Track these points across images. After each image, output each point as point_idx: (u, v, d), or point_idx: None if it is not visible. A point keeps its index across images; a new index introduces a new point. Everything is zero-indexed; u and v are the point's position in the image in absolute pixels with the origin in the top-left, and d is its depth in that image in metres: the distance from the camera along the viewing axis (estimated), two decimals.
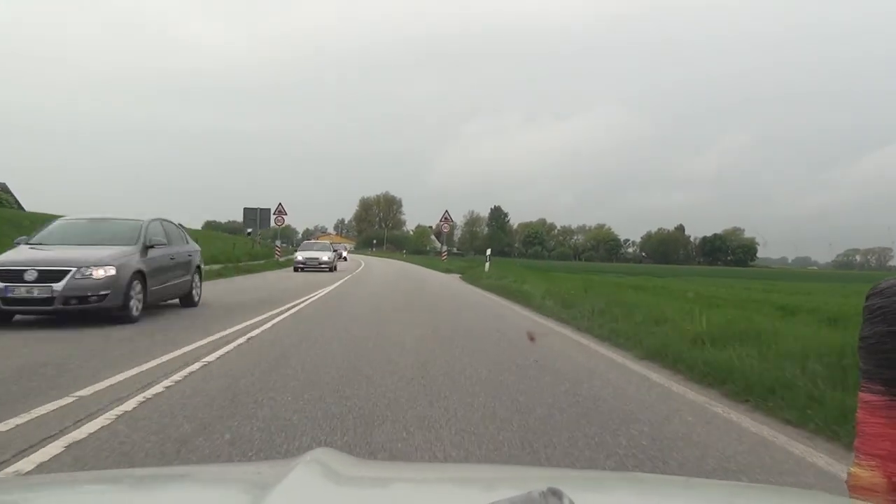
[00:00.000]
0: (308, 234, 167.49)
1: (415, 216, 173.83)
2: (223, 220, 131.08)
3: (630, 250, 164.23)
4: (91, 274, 8.90)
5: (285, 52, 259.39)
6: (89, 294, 8.85)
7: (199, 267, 12.42)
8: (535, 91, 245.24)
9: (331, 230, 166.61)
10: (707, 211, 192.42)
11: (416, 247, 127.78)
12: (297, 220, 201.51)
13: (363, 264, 42.53)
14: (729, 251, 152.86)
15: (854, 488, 1.50)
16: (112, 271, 9.06)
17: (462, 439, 4.06)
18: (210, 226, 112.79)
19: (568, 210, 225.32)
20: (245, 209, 40.05)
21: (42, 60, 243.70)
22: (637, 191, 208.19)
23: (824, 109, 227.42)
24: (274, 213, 34.14)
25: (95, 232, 10.42)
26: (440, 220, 38.84)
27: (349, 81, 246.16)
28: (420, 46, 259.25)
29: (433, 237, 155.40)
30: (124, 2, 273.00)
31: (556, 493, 0.81)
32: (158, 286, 10.40)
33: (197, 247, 12.83)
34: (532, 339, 8.64)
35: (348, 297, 15.43)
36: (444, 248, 44.68)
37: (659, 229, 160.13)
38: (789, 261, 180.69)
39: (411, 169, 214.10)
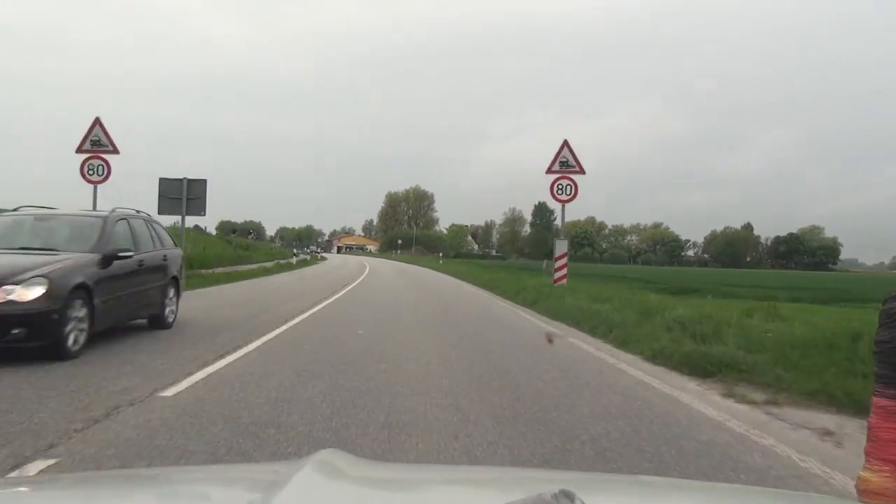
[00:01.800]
0: (334, 236, 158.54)
1: (446, 217, 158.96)
2: (239, 219, 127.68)
3: (691, 252, 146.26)
4: None
5: (314, 54, 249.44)
6: None
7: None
8: (572, 88, 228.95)
9: (359, 231, 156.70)
10: (745, 211, 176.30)
11: (451, 248, 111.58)
12: (326, 222, 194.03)
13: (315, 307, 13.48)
14: (805, 252, 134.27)
15: (864, 492, 1.49)
16: None
17: None
18: (224, 226, 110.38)
19: (608, 209, 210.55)
20: (161, 180, 24.05)
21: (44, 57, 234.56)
22: (676, 190, 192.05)
23: (866, 108, 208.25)
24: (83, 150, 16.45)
25: None
26: (553, 165, 16.26)
27: (379, 82, 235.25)
28: (450, 43, 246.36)
29: (469, 237, 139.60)
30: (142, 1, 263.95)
31: (567, 495, 0.80)
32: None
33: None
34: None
35: None
36: (564, 241, 17.06)
37: (725, 228, 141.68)
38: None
39: (443, 168, 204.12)
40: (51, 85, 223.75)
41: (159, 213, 25.00)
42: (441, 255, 63.36)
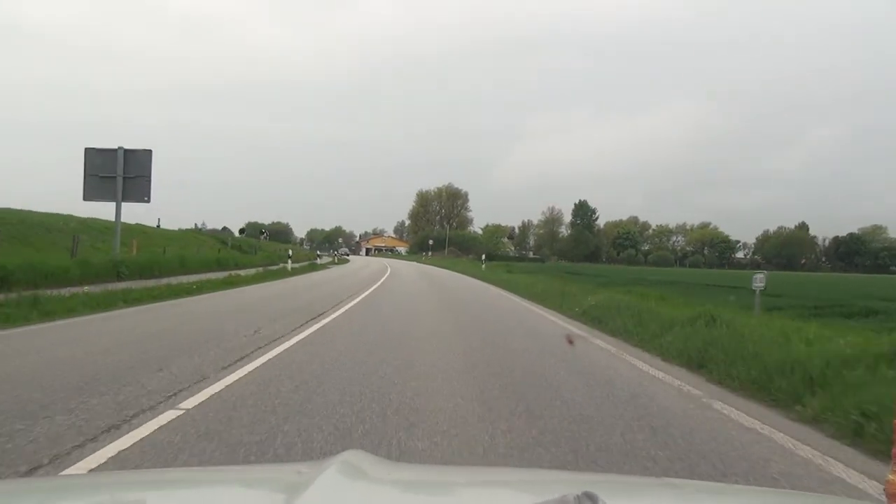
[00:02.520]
0: (364, 237, 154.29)
1: (480, 218, 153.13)
2: (268, 221, 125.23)
3: (741, 254, 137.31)
4: None
5: (347, 58, 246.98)
6: None
7: None
8: (611, 86, 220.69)
9: (390, 232, 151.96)
10: (797, 210, 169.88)
11: (487, 249, 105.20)
12: (358, 224, 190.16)
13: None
14: (867, 254, 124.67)
15: (894, 496, 1.41)
16: None
17: None
18: (251, 227, 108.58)
19: (650, 209, 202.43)
20: (88, 152, 17.96)
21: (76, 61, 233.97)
22: (723, 189, 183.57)
23: None
24: None
25: None
26: None
27: (414, 84, 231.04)
28: (484, 39, 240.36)
29: (506, 239, 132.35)
30: (181, 4, 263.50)
31: (591, 498, 0.81)
32: None
33: None
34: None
35: None
36: None
37: (779, 228, 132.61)
38: None
39: (477, 168, 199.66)
40: (84, 92, 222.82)
41: (85, 199, 18.86)
42: (484, 257, 54.01)
